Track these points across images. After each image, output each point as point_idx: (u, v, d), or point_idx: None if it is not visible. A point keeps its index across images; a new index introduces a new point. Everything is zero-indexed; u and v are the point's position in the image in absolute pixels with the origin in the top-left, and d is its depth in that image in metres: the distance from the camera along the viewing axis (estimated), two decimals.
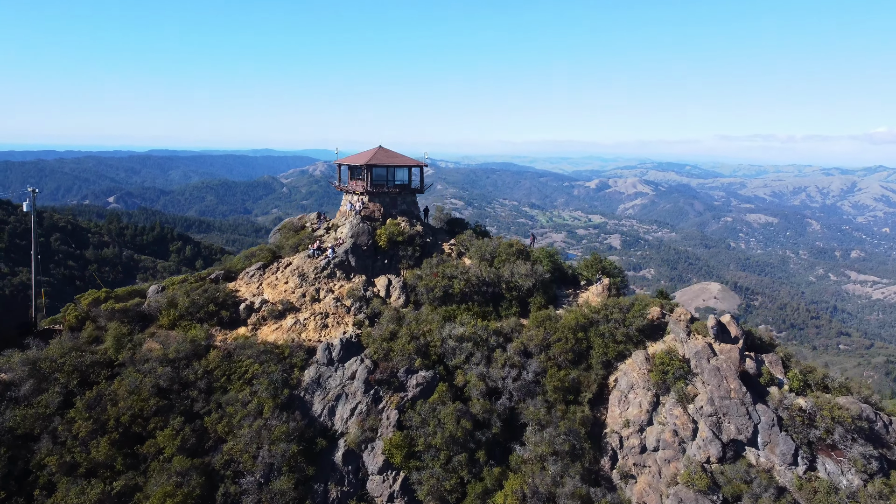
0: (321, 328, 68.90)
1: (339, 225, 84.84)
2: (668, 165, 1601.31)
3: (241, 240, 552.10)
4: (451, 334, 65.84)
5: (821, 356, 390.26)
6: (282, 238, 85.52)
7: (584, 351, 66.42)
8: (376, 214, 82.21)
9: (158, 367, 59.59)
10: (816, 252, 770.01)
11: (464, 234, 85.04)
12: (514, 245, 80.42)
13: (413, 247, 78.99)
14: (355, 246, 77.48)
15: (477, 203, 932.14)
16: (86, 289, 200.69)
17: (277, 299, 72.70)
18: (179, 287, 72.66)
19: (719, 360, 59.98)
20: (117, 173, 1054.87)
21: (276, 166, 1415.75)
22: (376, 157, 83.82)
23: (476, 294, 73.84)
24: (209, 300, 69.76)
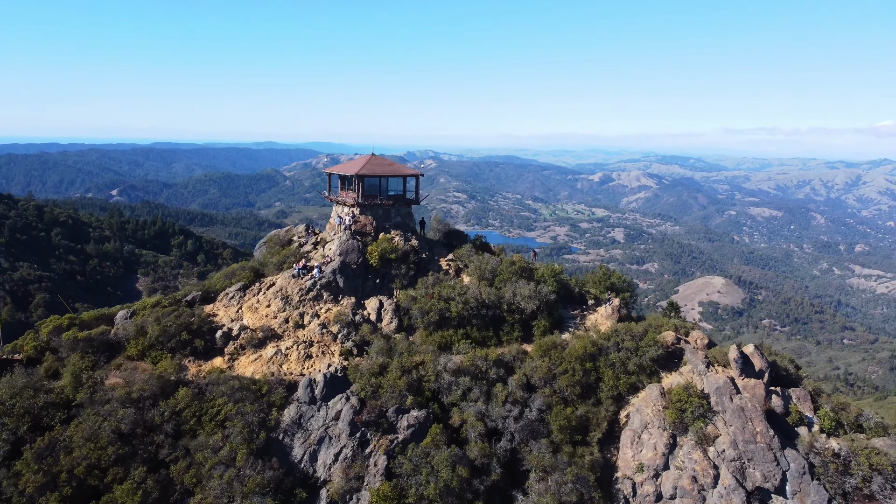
0: (304, 359, 62.91)
1: (327, 240, 78.45)
2: (671, 158, 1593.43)
3: (244, 233, 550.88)
4: (446, 367, 59.78)
5: (825, 351, 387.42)
6: (266, 254, 79.56)
7: (593, 383, 60.83)
8: (368, 228, 75.90)
9: (120, 408, 53.30)
10: (821, 246, 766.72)
11: (462, 248, 79.26)
12: (517, 263, 74.47)
13: (407, 264, 73.11)
14: (344, 265, 71.59)
15: (480, 196, 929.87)
16: (86, 285, 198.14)
17: (258, 325, 66.71)
18: (150, 312, 66.43)
19: (743, 399, 53.90)
20: (120, 166, 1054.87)
21: (280, 159, 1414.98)
22: (368, 167, 77.74)
23: (475, 317, 67.98)
24: (182, 328, 63.21)
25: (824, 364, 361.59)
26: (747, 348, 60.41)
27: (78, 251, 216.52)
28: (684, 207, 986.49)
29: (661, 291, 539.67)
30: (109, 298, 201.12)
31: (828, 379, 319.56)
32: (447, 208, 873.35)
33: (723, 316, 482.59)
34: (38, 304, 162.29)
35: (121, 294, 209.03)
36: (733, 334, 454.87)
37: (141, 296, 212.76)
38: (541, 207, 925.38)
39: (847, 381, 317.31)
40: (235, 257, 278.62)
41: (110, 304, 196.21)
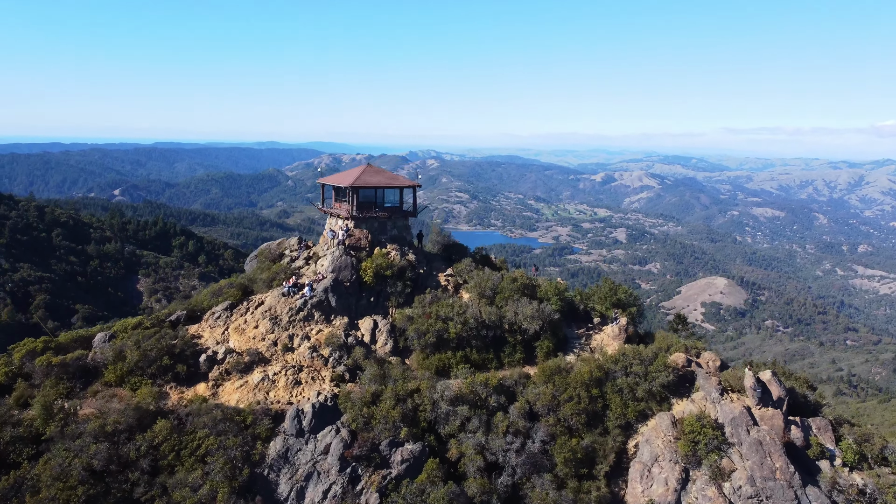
0: (293, 385, 59.09)
1: (320, 255, 74.29)
2: (674, 158, 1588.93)
3: (246, 233, 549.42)
4: (443, 395, 55.94)
5: (828, 352, 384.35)
6: (256, 270, 75.47)
7: (600, 411, 57.24)
8: (362, 242, 72.05)
9: (92, 444, 49.14)
10: (823, 246, 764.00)
11: (462, 263, 75.22)
12: (519, 279, 70.42)
13: (403, 281, 69.16)
14: (336, 282, 67.70)
15: (482, 196, 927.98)
16: (87, 286, 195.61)
17: (245, 348, 62.76)
18: (130, 335, 62.17)
19: (761, 433, 50.29)
20: (123, 166, 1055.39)
21: (282, 159, 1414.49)
22: (363, 178, 73.84)
23: (474, 339, 64.32)
24: (163, 352, 59.28)
25: (827, 365, 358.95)
26: (764, 374, 56.93)
27: (79, 252, 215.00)
28: (687, 208, 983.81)
29: (664, 292, 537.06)
30: (110, 299, 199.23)
31: (831, 380, 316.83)
32: (449, 208, 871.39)
33: (725, 317, 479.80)
34: (39, 306, 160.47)
35: (121, 295, 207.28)
36: (736, 335, 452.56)
37: (142, 297, 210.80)
38: (543, 207, 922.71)
39: (850, 383, 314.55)
40: (236, 258, 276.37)
41: (111, 305, 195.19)
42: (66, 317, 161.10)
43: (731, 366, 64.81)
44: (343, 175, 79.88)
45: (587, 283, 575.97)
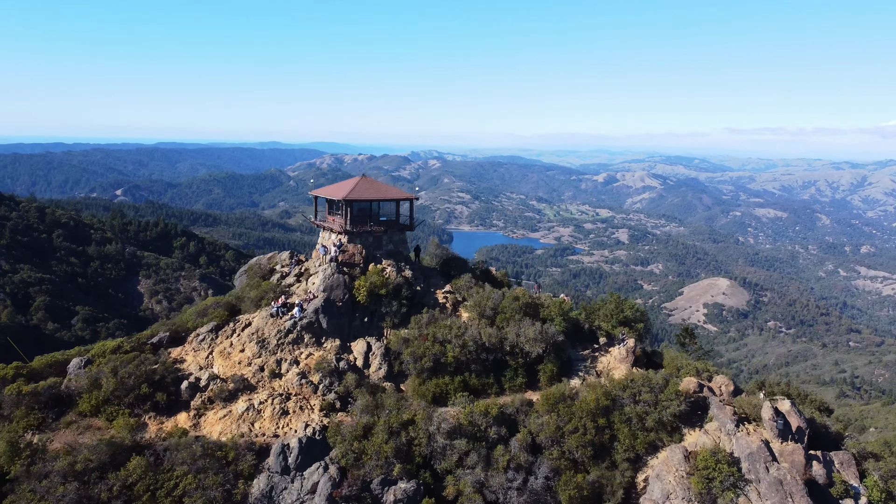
0: (280, 415, 55.41)
1: (311, 272, 70.57)
2: (676, 159, 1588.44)
3: (248, 234, 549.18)
4: (440, 428, 52.01)
5: (831, 354, 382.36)
6: (244, 287, 71.90)
7: (607, 442, 53.51)
8: (356, 259, 68.47)
9: (60, 484, 45.06)
10: (826, 247, 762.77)
11: (461, 279, 71.69)
12: (521, 298, 66.59)
13: (399, 300, 65.53)
14: (328, 302, 63.89)
15: (484, 197, 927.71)
16: (87, 288, 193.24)
17: (229, 373, 59.16)
18: (108, 360, 58.16)
19: (781, 471, 46.84)
20: (125, 166, 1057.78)
21: (284, 159, 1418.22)
22: (357, 190, 70.34)
23: (474, 362, 60.79)
24: (142, 379, 55.57)
25: (830, 367, 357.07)
26: (782, 405, 53.28)
27: (79, 253, 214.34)
28: (689, 208, 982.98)
29: (666, 293, 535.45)
30: (111, 301, 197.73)
31: (834, 382, 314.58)
32: (451, 209, 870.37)
33: (728, 318, 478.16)
34: (39, 307, 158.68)
35: (122, 296, 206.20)
36: (738, 336, 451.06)
37: (142, 298, 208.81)
38: (545, 208, 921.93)
39: (853, 385, 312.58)
40: (237, 259, 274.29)
41: (111, 306, 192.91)
42: (67, 318, 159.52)
43: (744, 390, 61.38)
44: (336, 187, 76.10)
45: (589, 283, 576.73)
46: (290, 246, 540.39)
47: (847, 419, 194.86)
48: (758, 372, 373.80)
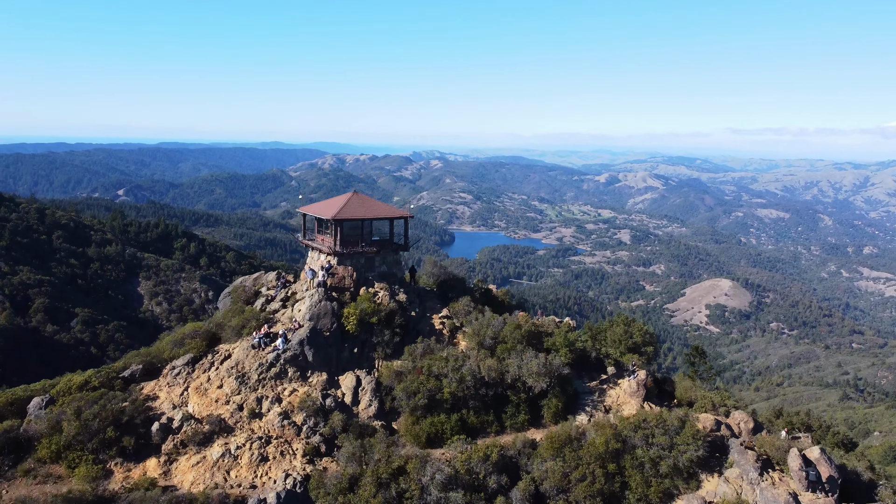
0: (258, 462, 50.88)
1: (299, 297, 65.73)
2: (678, 159, 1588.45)
3: (249, 234, 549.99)
4: (434, 479, 46.75)
5: (834, 355, 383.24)
6: (226, 313, 67.07)
7: (618, 491, 49.22)
8: (346, 282, 64.30)
9: None
10: (828, 248, 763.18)
11: (459, 302, 67.10)
12: (523, 326, 62.25)
13: (392, 329, 61.14)
14: (314, 333, 59.29)
15: (486, 197, 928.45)
16: (87, 289, 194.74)
17: (205, 413, 54.78)
18: (71, 400, 53.28)
19: None
20: (127, 166, 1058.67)
21: (285, 159, 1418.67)
22: (348, 209, 65.63)
23: (472, 398, 56.67)
24: (108, 421, 50.89)
25: (833, 369, 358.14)
26: (811, 452, 48.44)
27: (79, 254, 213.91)
28: (691, 209, 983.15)
29: (668, 294, 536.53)
30: (111, 303, 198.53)
31: (837, 384, 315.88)
32: (453, 209, 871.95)
33: (730, 319, 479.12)
34: (38, 309, 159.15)
35: (122, 298, 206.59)
36: (740, 338, 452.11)
37: (142, 300, 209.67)
38: (547, 208, 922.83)
39: (857, 387, 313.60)
40: (238, 260, 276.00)
41: (111, 308, 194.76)
42: (66, 320, 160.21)
43: (765, 427, 57.66)
44: (325, 205, 71.72)
45: (591, 284, 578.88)
46: (291, 247, 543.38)
47: (851, 422, 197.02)
48: (760, 374, 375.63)
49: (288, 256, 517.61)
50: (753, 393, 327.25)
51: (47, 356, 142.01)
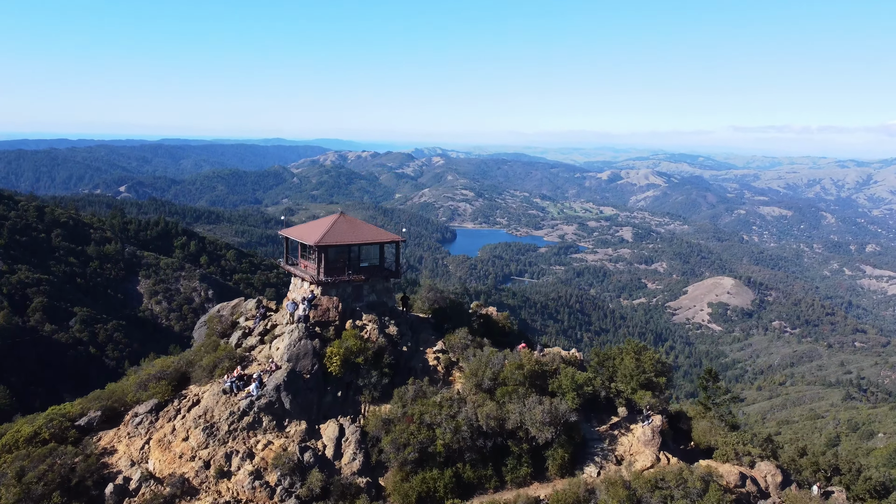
0: None
1: (279, 332, 58.63)
2: (680, 157, 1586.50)
3: (251, 231, 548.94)
4: None
5: (836, 354, 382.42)
6: (198, 349, 60.94)
7: None
8: (331, 314, 58.04)
9: None
10: (831, 246, 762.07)
11: (455, 334, 60.32)
12: (525, 365, 55.55)
13: (380, 369, 54.91)
14: (293, 376, 52.56)
15: (488, 194, 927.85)
16: (86, 288, 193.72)
17: (167, 471, 48.11)
18: (14, 459, 47.02)
19: None
20: (129, 162, 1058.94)
21: (287, 156, 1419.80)
22: (333, 233, 59.35)
23: (469, 450, 50.39)
24: (55, 485, 44.50)
25: (836, 368, 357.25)
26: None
27: (78, 253, 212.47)
28: (693, 206, 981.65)
29: (670, 292, 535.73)
30: (110, 301, 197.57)
31: (840, 384, 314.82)
32: (454, 206, 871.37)
33: (732, 317, 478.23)
34: (36, 308, 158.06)
35: (121, 297, 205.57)
36: (743, 336, 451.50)
37: (142, 299, 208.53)
38: (549, 206, 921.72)
39: (860, 387, 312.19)
40: (239, 258, 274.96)
41: (110, 307, 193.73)
42: (65, 319, 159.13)
43: (793, 476, 53.73)
44: (308, 227, 65.47)
45: (592, 282, 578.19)
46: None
47: (855, 423, 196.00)
48: (762, 372, 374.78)
49: None
50: (756, 392, 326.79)
51: (45, 356, 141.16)
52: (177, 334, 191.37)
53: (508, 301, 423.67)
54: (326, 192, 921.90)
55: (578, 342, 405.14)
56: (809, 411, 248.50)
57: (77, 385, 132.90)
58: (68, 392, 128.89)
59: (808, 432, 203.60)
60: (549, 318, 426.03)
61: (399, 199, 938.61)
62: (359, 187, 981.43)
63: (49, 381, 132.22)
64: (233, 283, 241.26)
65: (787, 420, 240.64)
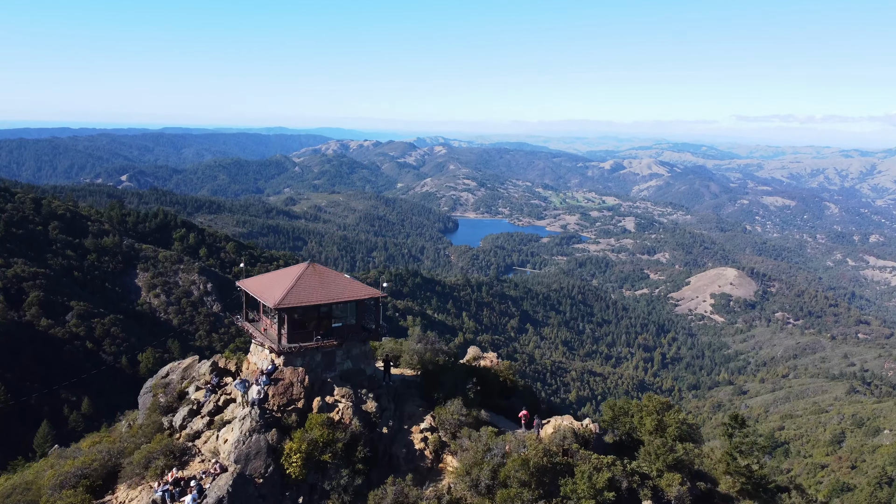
0: None
1: (227, 418, 47.03)
2: (683, 146, 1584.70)
3: (252, 221, 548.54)
4: None
5: (840, 346, 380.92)
6: (134, 431, 51.34)
7: None
8: (295, 391, 46.18)
9: None
10: (834, 236, 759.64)
11: (447, 408, 49.05)
12: (532, 458, 43.62)
13: (352, 466, 43.71)
14: (241, 483, 40.79)
15: (490, 184, 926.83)
16: (84, 282, 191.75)
17: None
18: None
19: None
20: (131, 151, 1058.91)
21: (289, 145, 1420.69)
22: (298, 291, 47.54)
23: None
24: None
25: (839, 360, 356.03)
26: None
27: (76, 246, 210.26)
28: (696, 196, 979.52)
29: (672, 283, 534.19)
30: (108, 295, 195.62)
31: (844, 376, 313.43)
32: (456, 196, 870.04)
33: (735, 308, 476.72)
34: (32, 303, 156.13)
35: (119, 290, 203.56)
36: (745, 328, 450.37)
37: (140, 292, 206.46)
38: (551, 195, 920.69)
39: (864, 380, 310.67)
40: (238, 251, 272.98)
41: (108, 301, 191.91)
42: (62, 314, 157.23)
43: None
44: (270, 280, 53.35)
45: (595, 272, 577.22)
46: (293, 234, 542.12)
47: (860, 419, 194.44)
48: (765, 364, 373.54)
49: (290, 244, 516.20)
50: (759, 384, 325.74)
51: (41, 351, 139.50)
52: (175, 328, 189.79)
53: (511, 292, 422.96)
54: (328, 182, 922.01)
55: (580, 333, 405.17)
56: (813, 405, 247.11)
57: (74, 381, 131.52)
58: (64, 389, 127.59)
59: (812, 427, 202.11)
60: (552, 308, 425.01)
61: (401, 189, 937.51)
62: (360, 177, 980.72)
63: (45, 377, 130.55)
64: (232, 275, 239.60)
65: (790, 414, 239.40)
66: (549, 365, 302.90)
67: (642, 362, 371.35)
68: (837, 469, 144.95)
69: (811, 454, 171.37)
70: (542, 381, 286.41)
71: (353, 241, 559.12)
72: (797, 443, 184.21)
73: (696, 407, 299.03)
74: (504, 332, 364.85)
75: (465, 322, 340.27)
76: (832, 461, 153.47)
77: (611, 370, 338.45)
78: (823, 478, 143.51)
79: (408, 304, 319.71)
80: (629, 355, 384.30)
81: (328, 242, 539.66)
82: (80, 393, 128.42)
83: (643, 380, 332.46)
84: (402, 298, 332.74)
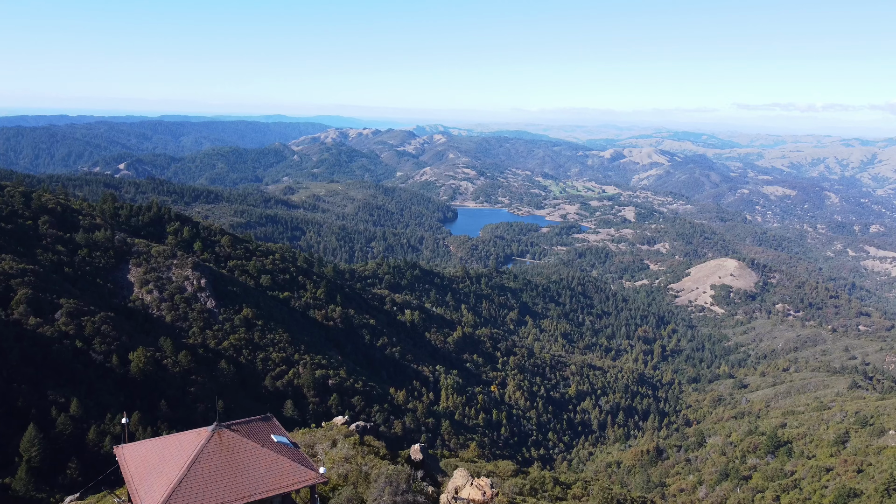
0: None
1: None
2: (683, 135, 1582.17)
3: (250, 211, 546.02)
4: None
5: (841, 339, 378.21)
6: None
7: None
8: None
9: None
10: (835, 226, 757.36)
11: None
12: None
13: None
14: None
15: (489, 173, 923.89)
16: (74, 278, 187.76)
17: None
18: None
19: None
20: (129, 139, 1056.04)
21: (288, 133, 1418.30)
22: (190, 486, 32.24)
23: None
24: None
25: (840, 353, 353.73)
26: None
27: (66, 240, 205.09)
28: (696, 185, 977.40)
29: (673, 273, 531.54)
30: (99, 291, 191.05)
31: (845, 370, 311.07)
32: (456, 185, 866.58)
33: (735, 300, 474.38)
34: (20, 301, 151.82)
35: (111, 286, 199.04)
36: (746, 320, 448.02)
37: (132, 288, 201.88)
38: (550, 185, 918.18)
39: (865, 374, 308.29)
40: (233, 244, 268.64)
41: (99, 297, 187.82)
42: (50, 312, 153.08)
43: None
44: (153, 458, 35.71)
45: (595, 263, 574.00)
46: (291, 224, 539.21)
47: (863, 417, 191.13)
48: (766, 356, 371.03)
49: (289, 234, 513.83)
50: (759, 378, 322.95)
51: (29, 352, 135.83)
52: (168, 325, 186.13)
53: (510, 284, 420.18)
54: (327, 170, 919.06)
55: (580, 325, 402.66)
56: (815, 400, 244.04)
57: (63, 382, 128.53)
58: (53, 390, 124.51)
59: (814, 424, 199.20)
60: (551, 300, 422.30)
61: (400, 178, 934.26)
62: (360, 165, 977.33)
63: (33, 378, 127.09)
64: (227, 270, 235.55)
65: (791, 410, 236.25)
66: (548, 359, 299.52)
67: (642, 355, 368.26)
68: (843, 472, 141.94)
69: (815, 455, 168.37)
70: (542, 375, 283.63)
71: (352, 231, 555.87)
72: (800, 442, 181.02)
73: (697, 401, 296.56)
74: (503, 324, 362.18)
75: (464, 315, 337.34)
76: (837, 463, 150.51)
77: (610, 363, 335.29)
78: (829, 482, 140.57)
79: (406, 297, 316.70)
80: (629, 348, 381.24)
81: (326, 232, 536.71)
82: (68, 393, 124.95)
83: (643, 373, 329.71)
84: (401, 291, 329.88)
